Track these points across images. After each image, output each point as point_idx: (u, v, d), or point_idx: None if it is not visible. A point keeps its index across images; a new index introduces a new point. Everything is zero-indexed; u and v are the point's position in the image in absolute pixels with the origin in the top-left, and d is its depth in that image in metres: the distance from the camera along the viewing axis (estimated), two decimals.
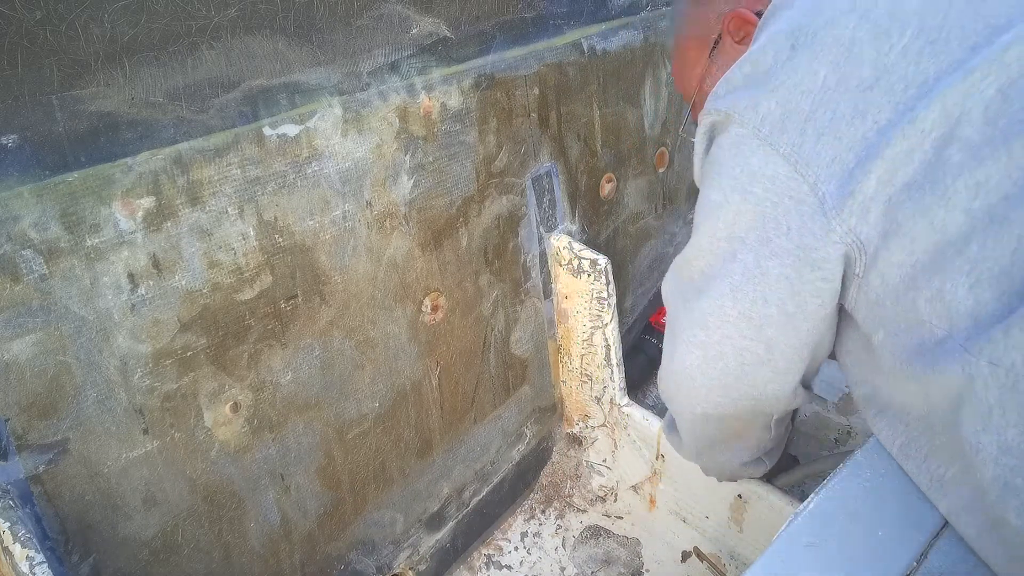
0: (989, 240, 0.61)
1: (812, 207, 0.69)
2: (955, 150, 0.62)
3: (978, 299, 0.62)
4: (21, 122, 0.69)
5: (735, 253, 0.76)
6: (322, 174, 0.94)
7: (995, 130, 0.60)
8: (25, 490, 0.75)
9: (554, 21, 1.23)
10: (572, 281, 1.33)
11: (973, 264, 0.61)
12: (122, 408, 0.81)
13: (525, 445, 1.43)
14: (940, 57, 0.63)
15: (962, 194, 0.62)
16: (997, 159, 0.60)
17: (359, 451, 1.09)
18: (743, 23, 0.89)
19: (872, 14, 0.67)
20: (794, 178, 0.69)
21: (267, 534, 1.00)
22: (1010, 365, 0.59)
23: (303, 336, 0.97)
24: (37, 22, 0.67)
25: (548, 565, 1.35)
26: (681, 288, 0.85)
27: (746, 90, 0.73)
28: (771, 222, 0.72)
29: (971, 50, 0.62)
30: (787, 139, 0.69)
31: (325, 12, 0.89)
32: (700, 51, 0.97)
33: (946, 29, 0.63)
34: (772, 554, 0.67)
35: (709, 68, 0.96)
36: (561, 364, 1.45)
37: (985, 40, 0.62)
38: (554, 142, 1.29)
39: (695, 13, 0.98)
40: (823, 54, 0.68)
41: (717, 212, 0.76)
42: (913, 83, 0.63)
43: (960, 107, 0.62)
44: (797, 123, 0.68)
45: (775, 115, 0.70)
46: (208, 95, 0.81)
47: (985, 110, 0.61)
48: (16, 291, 0.71)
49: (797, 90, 0.69)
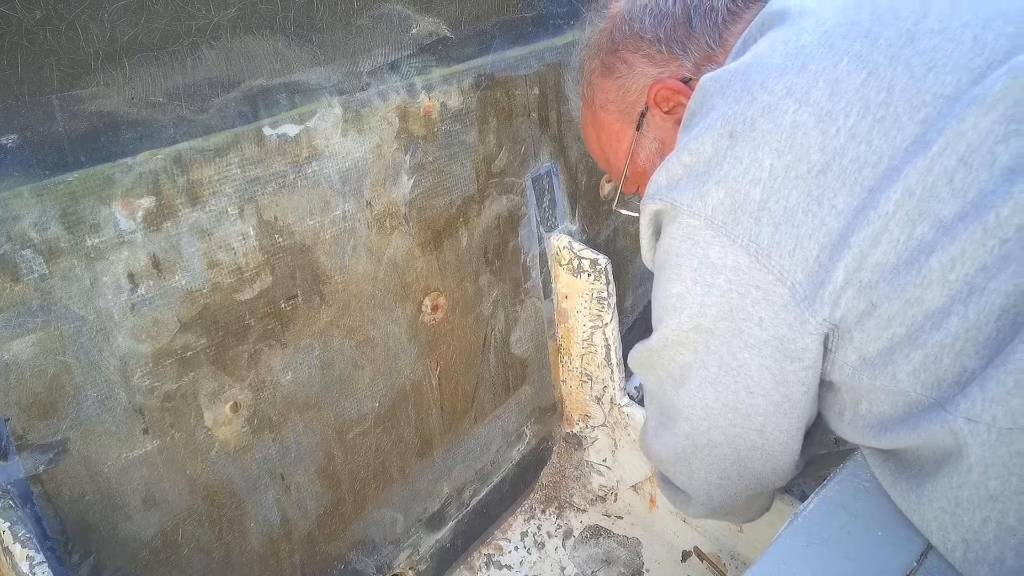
0: (971, 312, 0.59)
1: (782, 298, 0.66)
2: (926, 228, 0.60)
3: (964, 367, 0.60)
4: (21, 122, 0.69)
5: (707, 344, 0.73)
6: (322, 174, 0.94)
7: (965, 203, 0.58)
8: (25, 490, 0.75)
9: (554, 21, 1.22)
10: (572, 281, 1.33)
11: (955, 337, 0.60)
12: (122, 408, 0.81)
13: (525, 445, 1.43)
14: (891, 134, 0.60)
15: (937, 271, 0.60)
16: (972, 233, 0.58)
17: (359, 451, 1.09)
18: (672, 93, 0.85)
19: (811, 97, 0.63)
20: (757, 269, 0.66)
21: (267, 534, 1.00)
22: (990, 420, 0.57)
23: (303, 336, 0.97)
24: (37, 22, 0.67)
25: (548, 565, 1.35)
26: (656, 375, 0.83)
27: (689, 181, 0.68)
28: (740, 313, 0.69)
29: (923, 123, 0.59)
30: (742, 229, 0.65)
31: (325, 12, 0.89)
32: (624, 125, 0.93)
33: (892, 105, 0.61)
34: (772, 554, 0.67)
35: (639, 141, 0.92)
36: (561, 364, 1.45)
37: (936, 111, 0.59)
38: (554, 142, 1.29)
39: (611, 85, 0.93)
40: (765, 142, 0.64)
41: (680, 304, 0.73)
42: (867, 163, 0.61)
43: (923, 184, 0.59)
44: (750, 213, 0.65)
45: (725, 205, 0.66)
46: (208, 95, 0.81)
47: (950, 183, 0.59)
48: (16, 291, 0.71)
49: (744, 180, 0.65)
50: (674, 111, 0.87)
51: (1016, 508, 0.58)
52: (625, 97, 0.92)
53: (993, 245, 0.57)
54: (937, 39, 0.62)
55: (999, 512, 0.59)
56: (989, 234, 0.57)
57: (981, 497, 0.60)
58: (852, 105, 0.62)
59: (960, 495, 0.61)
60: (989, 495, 0.59)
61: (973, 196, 0.58)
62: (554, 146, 1.29)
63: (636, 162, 0.94)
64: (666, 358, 0.79)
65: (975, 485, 0.60)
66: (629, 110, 0.92)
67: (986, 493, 0.59)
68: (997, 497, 0.59)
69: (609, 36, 0.92)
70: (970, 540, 0.61)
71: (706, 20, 0.84)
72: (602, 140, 0.99)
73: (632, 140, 0.93)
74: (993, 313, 0.58)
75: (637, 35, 0.88)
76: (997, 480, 0.58)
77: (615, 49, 0.91)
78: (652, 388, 0.86)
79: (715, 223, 0.67)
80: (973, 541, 0.61)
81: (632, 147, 0.93)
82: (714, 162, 0.67)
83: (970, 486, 0.60)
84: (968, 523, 0.61)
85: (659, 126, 0.89)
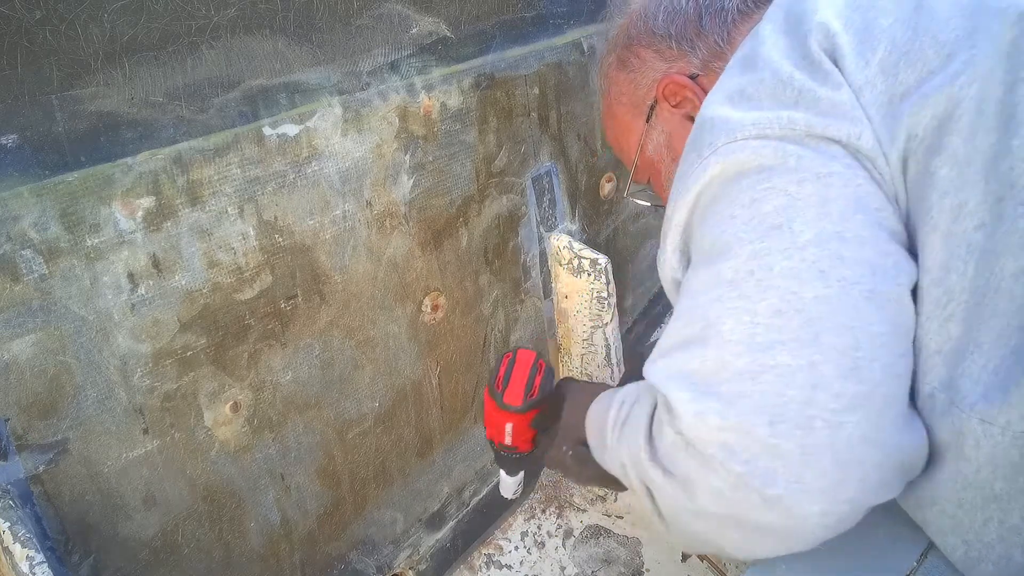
0: (969, 270, 0.58)
1: (889, 176, 0.61)
2: (940, 162, 0.59)
3: (950, 333, 0.59)
4: (21, 122, 0.69)
5: (841, 255, 0.57)
6: (322, 174, 0.94)
7: (973, 147, 0.57)
8: (25, 490, 0.75)
9: (554, 20, 1.22)
10: (572, 281, 1.33)
11: (949, 296, 0.59)
12: (122, 408, 0.81)
13: None
14: (917, 67, 0.61)
15: (946, 214, 0.58)
16: (976, 183, 0.57)
17: (359, 451, 1.09)
18: (679, 88, 0.87)
19: (839, 41, 0.64)
20: (860, 163, 0.60)
21: (267, 534, 1.00)
22: (1005, 424, 0.56)
23: (303, 336, 0.97)
24: (37, 22, 0.67)
25: (548, 565, 1.35)
26: (769, 341, 0.58)
27: (747, 109, 0.65)
28: (874, 201, 0.59)
29: (948, 57, 0.60)
30: (834, 124, 0.60)
31: (325, 12, 0.89)
32: (635, 117, 0.95)
33: (918, 42, 0.62)
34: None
35: (648, 133, 0.94)
36: (561, 364, 1.45)
37: (956, 47, 0.60)
38: (554, 141, 1.29)
39: (624, 79, 0.95)
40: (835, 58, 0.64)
41: (787, 218, 0.58)
42: (896, 96, 0.61)
43: (946, 113, 0.58)
44: (840, 111, 0.61)
45: (803, 120, 0.61)
46: (208, 95, 0.81)
47: (961, 123, 0.58)
48: (16, 291, 0.71)
49: (819, 88, 0.62)
50: (681, 105, 0.89)
51: (1021, 507, 0.58)
52: (636, 91, 0.94)
53: (993, 201, 0.57)
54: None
55: (1002, 512, 0.59)
56: (990, 187, 0.57)
57: (985, 498, 0.60)
58: (880, 41, 0.63)
59: (964, 497, 0.61)
60: (993, 496, 0.59)
61: (980, 142, 0.57)
62: (554, 146, 1.29)
63: (646, 152, 0.96)
64: (773, 305, 0.57)
65: (980, 486, 0.59)
66: (640, 103, 0.94)
67: (990, 494, 0.59)
68: (1001, 497, 0.59)
69: (626, 32, 0.95)
70: (971, 541, 0.61)
71: (716, 19, 0.86)
72: (616, 131, 1.02)
73: (642, 132, 0.95)
74: (984, 276, 0.57)
75: (651, 31, 0.91)
76: (1003, 481, 0.58)
77: (629, 44, 0.94)
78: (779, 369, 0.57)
79: (797, 133, 0.60)
80: (975, 542, 0.61)
81: (642, 138, 0.95)
82: (779, 86, 0.64)
83: (975, 487, 0.60)
84: (969, 525, 0.61)
85: (667, 119, 0.91)
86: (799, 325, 0.56)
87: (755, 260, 0.58)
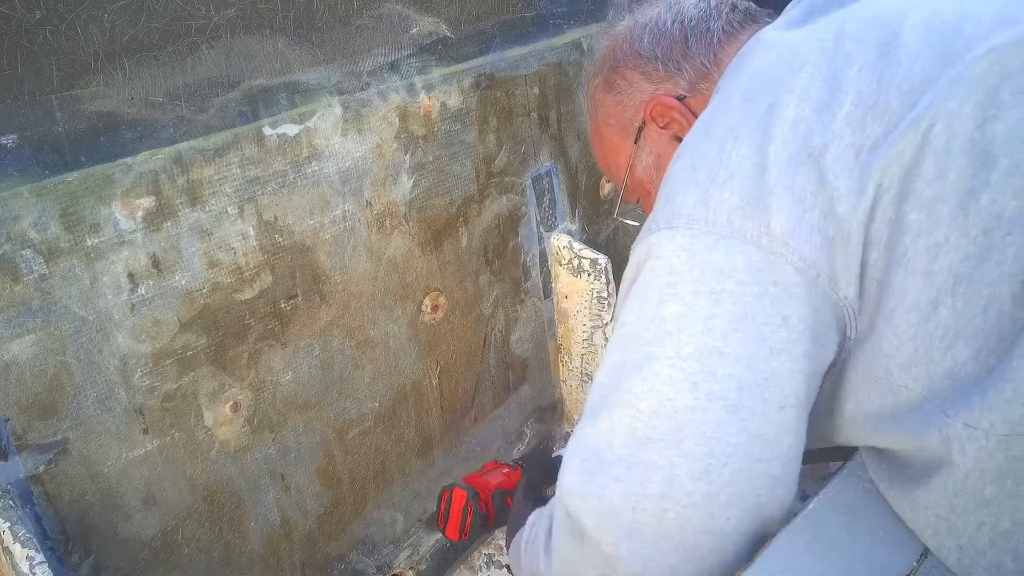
0: (958, 303, 0.58)
1: (804, 287, 0.62)
2: (910, 207, 0.59)
3: (956, 359, 0.60)
4: (21, 122, 0.69)
5: (714, 371, 0.63)
6: (322, 174, 0.94)
7: (945, 186, 0.58)
8: (25, 490, 0.75)
9: (554, 20, 1.22)
10: (572, 280, 1.33)
11: (945, 329, 0.59)
12: (122, 408, 0.81)
13: (525, 444, 1.43)
14: (883, 119, 0.61)
15: (922, 256, 0.59)
16: (954, 219, 0.58)
17: (359, 451, 1.09)
18: (666, 109, 0.88)
19: (810, 93, 0.64)
20: (773, 261, 0.62)
21: (267, 534, 1.00)
22: (988, 427, 0.57)
23: (303, 336, 0.97)
24: (37, 22, 0.67)
25: None
26: (645, 437, 0.64)
27: (687, 193, 0.66)
28: (759, 317, 0.62)
29: (911, 107, 0.60)
30: (752, 224, 0.62)
31: (325, 12, 0.89)
32: (623, 139, 0.96)
33: (883, 93, 0.62)
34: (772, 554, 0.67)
35: (637, 154, 0.94)
36: (561, 364, 1.45)
37: (922, 96, 0.60)
38: (554, 141, 1.29)
39: (612, 100, 0.96)
40: (770, 135, 0.64)
41: (678, 327, 0.63)
42: (863, 147, 0.61)
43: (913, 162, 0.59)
44: (759, 205, 0.62)
45: (731, 203, 0.63)
46: (208, 95, 0.81)
47: (935, 164, 0.59)
48: (16, 291, 0.71)
49: (751, 173, 0.63)
50: (669, 126, 0.90)
51: (1011, 512, 0.58)
52: (624, 112, 0.95)
53: (976, 235, 0.57)
54: (921, 32, 0.64)
55: (993, 516, 0.59)
56: (971, 222, 0.58)
57: (976, 503, 0.60)
58: (847, 94, 0.63)
59: (955, 502, 0.61)
60: (984, 500, 0.59)
61: (953, 179, 0.58)
62: (554, 146, 1.29)
63: (635, 173, 0.97)
64: (652, 406, 0.64)
65: (970, 492, 0.60)
66: (628, 124, 0.95)
67: (981, 499, 0.59)
68: (992, 502, 0.59)
69: (612, 53, 0.96)
70: (965, 546, 0.61)
71: (702, 41, 0.87)
72: (604, 152, 1.02)
73: (631, 153, 0.95)
74: (980, 304, 0.58)
75: (636, 53, 0.92)
76: (992, 485, 0.58)
77: (616, 66, 0.95)
78: (643, 455, 0.64)
79: (719, 225, 0.63)
80: (968, 547, 0.61)
81: (631, 160, 0.96)
82: (718, 164, 0.66)
83: (965, 493, 0.60)
84: (963, 529, 0.61)
85: (656, 140, 0.92)
86: (669, 429, 0.64)
87: (647, 362, 0.65)
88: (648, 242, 0.68)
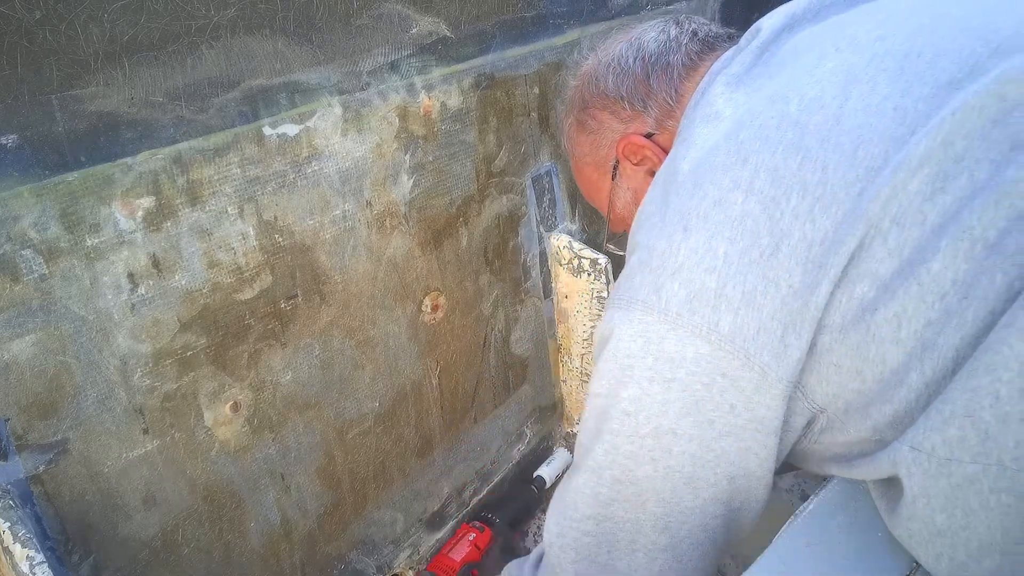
0: (927, 367, 0.60)
1: (752, 381, 0.65)
2: (866, 287, 0.61)
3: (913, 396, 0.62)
4: (21, 122, 0.69)
5: (670, 449, 0.68)
6: (322, 174, 0.94)
7: (901, 260, 0.60)
8: (25, 490, 0.75)
9: (554, 20, 1.22)
10: (572, 280, 1.33)
11: (918, 392, 0.61)
12: (122, 408, 0.81)
13: (526, 444, 1.43)
14: (831, 210, 0.62)
15: (885, 328, 0.61)
16: (908, 288, 0.59)
17: (359, 451, 1.10)
18: (637, 148, 0.90)
19: (755, 186, 0.65)
20: (720, 356, 0.64)
21: (267, 534, 1.00)
22: (930, 449, 0.58)
23: (303, 336, 0.97)
24: (37, 22, 0.67)
25: None
26: (609, 498, 0.73)
27: (643, 278, 0.69)
28: (708, 404, 0.66)
29: (858, 196, 0.61)
30: (700, 319, 0.65)
31: (325, 12, 0.89)
32: (601, 176, 0.99)
33: (828, 183, 0.62)
34: (772, 554, 0.67)
35: (615, 191, 0.97)
36: (561, 363, 1.45)
37: (869, 182, 0.61)
38: (554, 141, 1.29)
39: (586, 140, 0.98)
40: (718, 232, 0.65)
41: (635, 408, 0.69)
42: (815, 241, 0.62)
43: (862, 247, 0.61)
44: (707, 302, 0.64)
45: (680, 297, 0.65)
46: (208, 95, 0.81)
47: (885, 243, 0.60)
48: (16, 291, 0.71)
49: (699, 269, 0.65)
50: (642, 163, 0.92)
51: (964, 543, 0.58)
52: (598, 151, 0.97)
53: (933, 300, 0.58)
54: (861, 117, 0.63)
55: (949, 547, 0.60)
56: (926, 289, 0.59)
57: (931, 532, 0.60)
58: (792, 188, 0.63)
59: (911, 528, 0.62)
60: (937, 530, 0.60)
61: (908, 254, 0.60)
62: (554, 146, 1.29)
63: (615, 209, 1.00)
64: (615, 475, 0.72)
65: (923, 519, 0.60)
66: (603, 163, 0.98)
67: (935, 528, 0.60)
68: (945, 532, 0.59)
69: (580, 94, 0.98)
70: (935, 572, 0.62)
71: (663, 77, 0.88)
72: (586, 187, 1.06)
73: (610, 189, 0.98)
74: (947, 367, 0.59)
75: (603, 93, 0.93)
76: (943, 514, 0.59)
77: (585, 107, 0.97)
78: (613, 516, 0.73)
79: (670, 316, 0.66)
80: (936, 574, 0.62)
81: (611, 195, 0.99)
82: (668, 255, 0.67)
83: (918, 520, 0.61)
84: (924, 557, 0.62)
85: (631, 176, 0.95)
86: (631, 494, 0.71)
87: (612, 437, 0.71)
88: (612, 319, 0.71)
